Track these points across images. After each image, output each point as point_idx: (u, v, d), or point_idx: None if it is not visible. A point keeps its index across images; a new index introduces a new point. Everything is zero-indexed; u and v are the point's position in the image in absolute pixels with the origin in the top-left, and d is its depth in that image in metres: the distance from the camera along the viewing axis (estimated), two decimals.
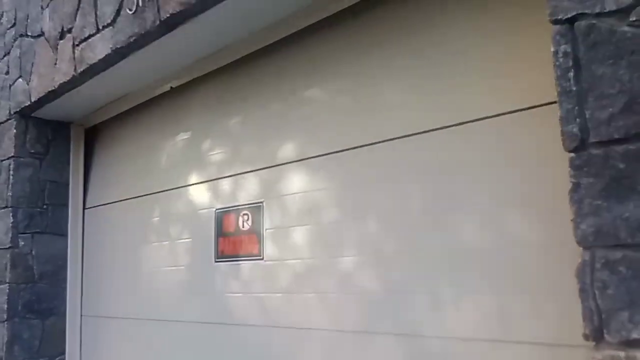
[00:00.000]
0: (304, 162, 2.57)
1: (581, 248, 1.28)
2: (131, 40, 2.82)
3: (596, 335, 1.25)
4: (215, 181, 3.04)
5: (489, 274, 1.88)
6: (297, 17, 2.55)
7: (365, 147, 2.31)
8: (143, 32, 2.74)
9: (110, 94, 3.60)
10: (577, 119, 1.30)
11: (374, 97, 2.32)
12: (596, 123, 1.27)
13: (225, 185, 2.98)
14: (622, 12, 1.24)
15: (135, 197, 3.65)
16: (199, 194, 3.16)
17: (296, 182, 2.60)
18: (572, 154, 1.30)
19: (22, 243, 3.81)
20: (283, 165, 2.66)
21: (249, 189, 2.84)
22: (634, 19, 1.22)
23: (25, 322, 3.75)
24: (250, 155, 2.85)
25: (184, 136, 3.35)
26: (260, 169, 2.78)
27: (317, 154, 2.51)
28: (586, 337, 1.26)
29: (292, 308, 2.52)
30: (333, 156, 2.44)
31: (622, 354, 1.20)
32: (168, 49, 2.89)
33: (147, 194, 3.55)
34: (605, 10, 1.27)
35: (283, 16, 2.56)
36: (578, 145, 1.29)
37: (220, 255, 2.93)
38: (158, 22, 2.63)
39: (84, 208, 4.17)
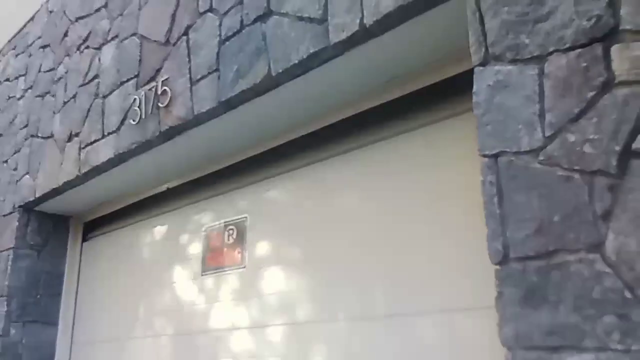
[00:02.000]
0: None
1: (505, 348, 1.49)
2: (133, 146, 3.13)
3: None
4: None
5: None
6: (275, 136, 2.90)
7: None
8: (144, 140, 3.05)
9: (110, 192, 3.88)
10: (501, 238, 1.54)
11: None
12: (514, 242, 1.51)
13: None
14: (534, 152, 1.52)
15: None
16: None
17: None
18: (497, 267, 1.54)
19: (13, 331, 3.94)
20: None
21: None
22: (542, 158, 1.50)
23: None
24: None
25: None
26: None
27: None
28: None
29: None
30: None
31: None
32: (165, 155, 3.19)
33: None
34: (521, 150, 1.55)
35: (256, 135, 2.92)
36: (501, 259, 1.53)
37: None
38: (158, 133, 2.95)
39: (76, 298, 4.32)
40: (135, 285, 3.75)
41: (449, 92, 2.21)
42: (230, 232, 3.10)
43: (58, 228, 4.35)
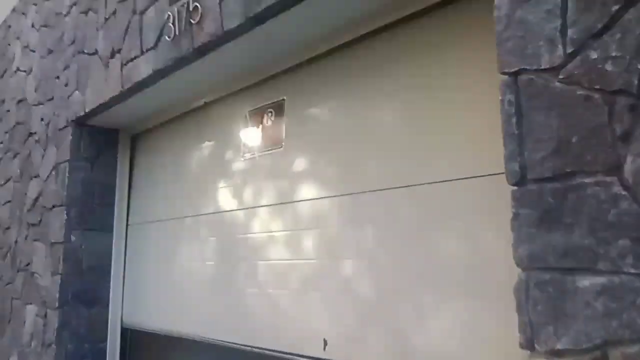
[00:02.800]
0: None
1: (519, 269, 1.50)
2: (169, 62, 3.16)
3: (528, 345, 1.46)
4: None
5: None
6: (313, 43, 2.85)
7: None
8: (179, 57, 3.07)
9: (152, 106, 3.97)
10: (518, 158, 1.51)
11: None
12: (532, 163, 1.48)
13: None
14: (554, 70, 1.45)
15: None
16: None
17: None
18: (514, 188, 1.52)
19: (74, 238, 4.23)
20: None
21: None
22: (562, 76, 1.43)
23: (74, 310, 4.16)
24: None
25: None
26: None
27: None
28: (521, 346, 1.48)
29: None
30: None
31: None
32: (200, 71, 3.22)
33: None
34: (541, 67, 1.48)
35: (285, 49, 2.89)
36: (518, 180, 1.51)
37: None
38: (192, 49, 2.96)
39: (128, 207, 4.56)
40: (182, 180, 3.94)
41: None
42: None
43: (108, 141, 4.51)
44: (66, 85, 4.49)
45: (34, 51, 5.36)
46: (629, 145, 1.30)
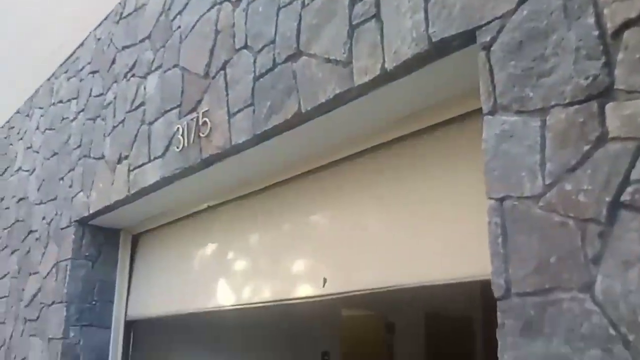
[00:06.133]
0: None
1: None
2: (176, 171, 3.39)
3: None
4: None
5: None
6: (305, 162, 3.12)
7: None
8: (187, 166, 3.30)
9: (156, 209, 4.17)
10: (504, 274, 1.71)
11: None
12: (516, 278, 1.68)
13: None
14: (535, 198, 1.68)
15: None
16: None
17: None
18: (500, 301, 1.71)
19: (72, 334, 4.31)
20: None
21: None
22: (542, 204, 1.66)
23: None
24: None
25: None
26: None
27: None
28: None
29: None
30: None
31: None
32: (206, 178, 3.44)
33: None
34: (523, 195, 1.71)
35: (292, 160, 3.15)
36: (503, 294, 1.70)
37: None
38: (199, 160, 3.20)
39: (126, 303, 4.65)
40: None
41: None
42: None
43: (109, 240, 4.68)
44: (70, 186, 4.69)
45: (37, 152, 5.60)
46: (599, 267, 1.50)
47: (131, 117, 3.98)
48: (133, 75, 4.04)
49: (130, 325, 4.65)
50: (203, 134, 3.17)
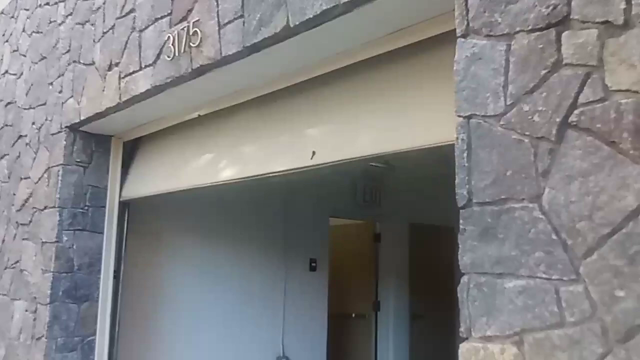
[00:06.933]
0: None
1: (463, 273, 1.89)
2: (167, 80, 3.48)
3: (467, 332, 1.85)
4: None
5: None
6: (294, 75, 3.24)
7: None
8: (177, 76, 3.39)
9: (147, 117, 4.27)
10: (467, 185, 1.90)
11: None
12: (476, 189, 1.87)
13: None
14: (497, 117, 1.85)
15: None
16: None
17: None
18: (462, 209, 1.91)
19: (65, 238, 4.50)
20: None
21: None
22: (502, 123, 1.83)
23: (64, 306, 4.44)
24: None
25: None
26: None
27: None
28: (462, 333, 1.87)
29: None
30: None
31: (480, 345, 1.81)
32: (197, 88, 3.54)
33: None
34: (487, 114, 1.87)
35: (282, 72, 3.26)
36: (465, 203, 1.90)
37: None
38: (190, 70, 3.30)
39: (118, 209, 4.85)
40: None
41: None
42: None
43: (101, 146, 4.79)
44: (60, 92, 4.76)
45: (24, 56, 5.60)
46: (547, 180, 1.70)
47: (121, 24, 4.02)
48: None
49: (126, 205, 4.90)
50: (194, 43, 3.26)
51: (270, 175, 3.45)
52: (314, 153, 3.09)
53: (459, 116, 1.95)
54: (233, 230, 5.84)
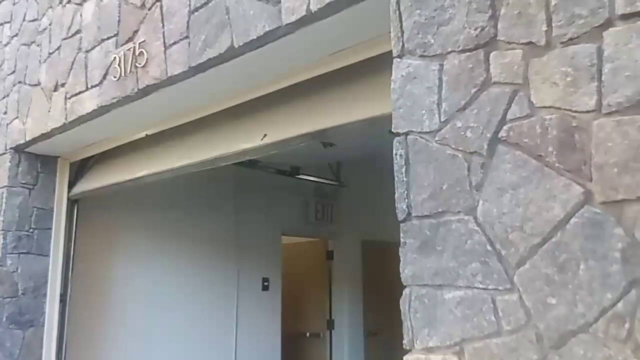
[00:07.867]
0: None
1: (405, 285, 1.93)
2: (114, 100, 3.46)
3: (410, 344, 1.89)
4: None
5: None
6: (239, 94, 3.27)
7: None
8: (124, 96, 3.38)
9: (94, 137, 4.24)
10: (406, 200, 1.95)
11: None
12: (415, 203, 1.92)
13: None
14: (432, 133, 1.91)
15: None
16: None
17: None
18: (402, 223, 1.96)
19: (10, 262, 4.38)
20: None
21: None
22: (437, 138, 1.89)
23: (8, 332, 4.30)
24: None
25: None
26: None
27: None
28: (405, 345, 1.91)
29: None
30: None
31: (423, 356, 1.85)
32: (144, 108, 3.53)
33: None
34: (423, 131, 1.94)
35: (227, 92, 3.30)
36: (405, 217, 1.95)
37: None
38: (136, 90, 3.29)
39: (65, 231, 4.75)
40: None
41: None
42: None
43: (47, 168, 4.71)
44: (5, 113, 4.67)
45: None
46: (480, 193, 1.76)
47: (67, 45, 3.98)
48: (69, 2, 4.01)
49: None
50: (140, 64, 3.26)
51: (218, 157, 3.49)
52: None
53: (397, 133, 2.01)
54: (185, 254, 5.78)
